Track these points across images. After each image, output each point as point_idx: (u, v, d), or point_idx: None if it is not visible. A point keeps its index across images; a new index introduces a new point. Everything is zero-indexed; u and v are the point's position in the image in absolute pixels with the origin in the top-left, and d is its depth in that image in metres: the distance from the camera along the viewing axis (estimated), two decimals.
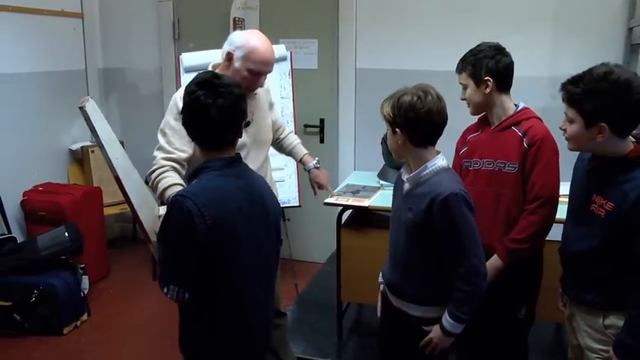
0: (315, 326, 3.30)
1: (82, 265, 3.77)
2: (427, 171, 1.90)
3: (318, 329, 3.24)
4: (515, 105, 2.26)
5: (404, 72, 3.91)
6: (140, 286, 4.22)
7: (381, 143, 3.36)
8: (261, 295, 1.90)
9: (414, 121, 1.85)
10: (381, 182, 3.28)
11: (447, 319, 1.91)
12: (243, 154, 2.03)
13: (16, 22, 4.05)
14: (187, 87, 1.81)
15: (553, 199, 2.17)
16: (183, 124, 1.83)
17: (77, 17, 4.60)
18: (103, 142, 2.00)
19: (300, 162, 2.89)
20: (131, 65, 4.80)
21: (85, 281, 3.77)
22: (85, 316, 3.69)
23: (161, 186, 2.27)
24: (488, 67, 2.19)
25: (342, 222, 3.04)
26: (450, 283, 1.91)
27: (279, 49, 3.45)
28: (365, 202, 2.97)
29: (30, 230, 4.07)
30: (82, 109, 1.98)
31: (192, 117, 1.79)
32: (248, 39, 2.36)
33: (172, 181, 2.27)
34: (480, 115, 2.34)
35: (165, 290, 1.77)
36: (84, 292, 3.73)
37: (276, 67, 3.32)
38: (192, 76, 2.20)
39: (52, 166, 4.47)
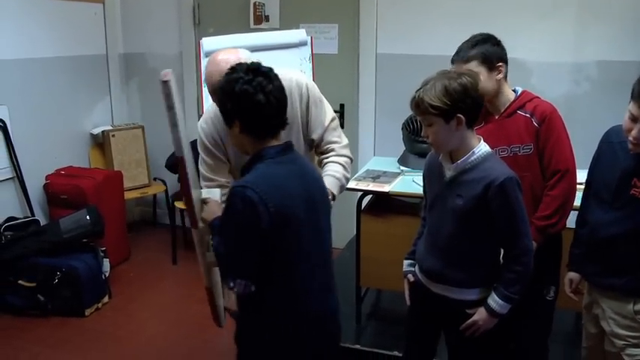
0: None
1: (103, 248, 3.82)
2: (475, 157, 1.89)
3: None
4: (514, 90, 2.29)
5: (425, 57, 3.87)
6: (160, 269, 4.27)
7: (402, 129, 3.35)
8: (325, 280, 1.88)
9: (474, 102, 1.85)
10: (402, 168, 3.27)
11: (495, 300, 1.92)
12: None
13: (38, 8, 4.08)
14: (227, 78, 1.75)
15: (570, 170, 2.20)
16: (230, 115, 1.77)
17: (98, 2, 4.62)
18: (178, 120, 1.88)
19: None
20: (151, 50, 4.81)
21: (106, 264, 3.83)
22: (106, 298, 3.74)
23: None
24: (498, 53, 2.21)
25: (362, 207, 3.04)
26: (492, 264, 1.95)
27: (300, 34, 3.43)
28: (385, 188, 2.96)
29: (52, 213, 4.12)
30: (165, 83, 1.84)
31: (252, 103, 1.72)
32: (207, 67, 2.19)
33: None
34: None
35: (231, 284, 1.73)
36: (105, 275, 3.78)
37: (296, 51, 3.33)
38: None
39: (74, 150, 4.51)
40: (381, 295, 3.51)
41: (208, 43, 3.75)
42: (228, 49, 2.19)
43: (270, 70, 1.80)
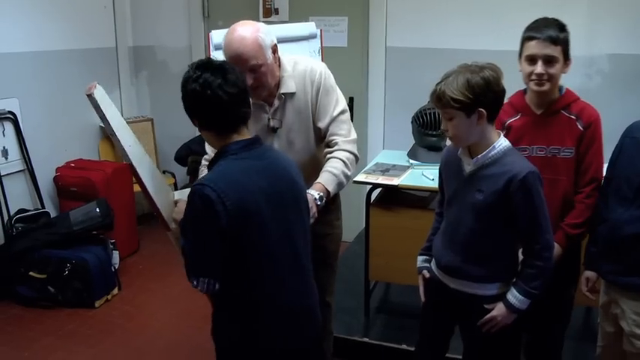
0: (342, 305, 3.31)
1: (112, 241, 3.84)
2: (495, 151, 1.88)
3: (345, 308, 3.25)
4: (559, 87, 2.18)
5: (435, 51, 3.85)
6: (169, 262, 4.27)
7: (412, 122, 3.33)
8: (296, 276, 1.84)
9: (496, 97, 1.84)
10: (411, 161, 3.26)
11: (514, 295, 1.91)
12: None
13: (49, 1, 4.09)
14: (186, 76, 1.75)
15: (601, 180, 2.13)
16: (189, 113, 1.78)
17: None
18: (115, 130, 1.88)
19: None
20: (161, 43, 4.82)
21: (116, 256, 3.85)
22: (115, 290, 3.76)
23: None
24: (570, 45, 2.10)
25: (371, 200, 3.03)
26: (511, 259, 1.94)
27: (309, 27, 3.42)
28: (395, 181, 2.95)
29: (62, 205, 4.15)
30: (89, 96, 1.86)
31: (202, 101, 1.72)
32: (225, 36, 2.16)
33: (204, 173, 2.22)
34: (512, 96, 2.23)
35: (194, 283, 1.72)
36: (114, 267, 3.80)
37: (305, 44, 3.31)
38: (222, 53, 2.16)
39: (84, 142, 4.53)
40: (390, 288, 3.51)
41: (218, 35, 3.74)
42: (248, 22, 2.16)
43: (223, 63, 1.77)
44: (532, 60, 2.07)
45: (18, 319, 3.45)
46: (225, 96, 1.71)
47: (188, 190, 1.90)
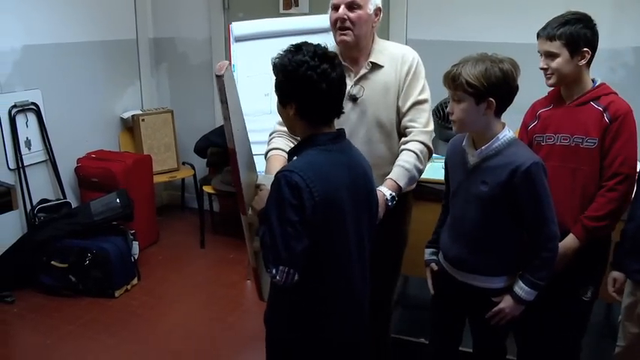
0: None
1: (132, 231, 3.88)
2: (499, 142, 1.88)
3: None
4: (593, 80, 2.18)
5: (456, 43, 3.81)
6: (188, 253, 4.32)
7: (431, 115, 3.31)
8: (361, 270, 1.84)
9: (509, 91, 1.84)
10: None
11: (521, 287, 1.91)
12: (348, 131, 1.88)
13: None
14: (293, 58, 1.70)
15: (632, 176, 2.10)
16: (288, 96, 1.74)
17: None
18: (230, 114, 1.81)
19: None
20: (181, 35, 4.83)
21: (136, 247, 3.89)
22: (135, 280, 3.80)
23: (268, 147, 2.25)
24: (587, 37, 2.09)
25: None
26: (518, 251, 1.94)
27: (327, 20, 3.41)
28: None
29: (83, 196, 4.19)
30: (219, 77, 1.74)
31: (313, 90, 1.68)
32: None
33: (274, 145, 2.23)
34: (550, 89, 2.26)
35: (273, 272, 1.65)
36: (134, 257, 3.84)
37: (325, 37, 3.29)
38: (243, 45, 2.15)
39: (104, 133, 4.57)
40: (408, 281, 3.50)
41: (238, 27, 3.75)
42: None
43: (336, 56, 1.75)
44: (541, 56, 2.16)
45: (40, 307, 3.50)
46: (335, 91, 1.71)
47: (271, 176, 1.89)
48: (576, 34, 2.07)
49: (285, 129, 2.18)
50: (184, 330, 3.32)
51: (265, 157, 2.27)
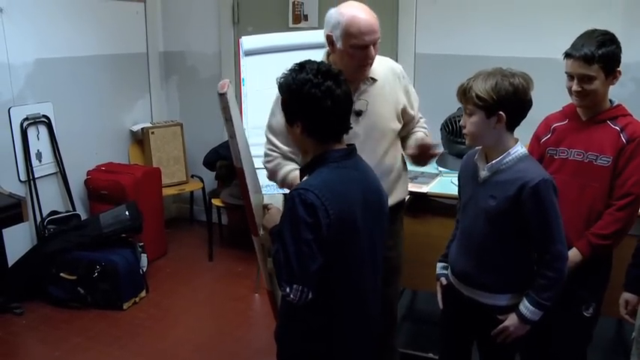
0: None
1: (141, 244, 3.89)
2: (510, 157, 1.88)
3: None
4: (610, 101, 2.19)
5: (464, 57, 3.81)
6: (196, 265, 4.32)
7: (441, 129, 3.31)
8: (374, 289, 1.84)
9: (520, 105, 1.84)
10: (440, 169, 3.23)
11: (526, 306, 1.89)
12: (357, 146, 1.89)
13: (82, 7, 4.17)
14: (296, 77, 1.70)
15: None
16: (294, 115, 1.74)
17: (139, 1, 4.69)
18: (236, 133, 1.80)
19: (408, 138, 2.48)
20: (191, 48, 4.87)
21: (144, 259, 3.90)
22: (143, 293, 3.80)
23: (282, 173, 2.24)
24: (620, 58, 2.10)
25: None
26: (525, 269, 1.92)
27: None
28: (423, 189, 2.94)
29: (92, 208, 4.21)
30: (222, 95, 1.74)
31: (318, 108, 1.68)
32: (342, 13, 2.15)
33: (288, 166, 2.23)
34: (566, 105, 2.26)
35: (287, 291, 1.64)
36: (143, 270, 3.84)
37: None
38: (252, 59, 2.17)
39: (114, 146, 4.60)
40: (417, 295, 3.49)
41: (247, 41, 3.78)
42: (356, 4, 2.21)
43: (340, 72, 1.75)
44: (571, 76, 2.12)
45: (49, 319, 3.51)
46: (341, 107, 1.71)
47: (277, 194, 1.87)
48: (612, 56, 2.07)
49: (279, 153, 2.25)
50: (192, 343, 3.31)
51: (283, 180, 2.26)
